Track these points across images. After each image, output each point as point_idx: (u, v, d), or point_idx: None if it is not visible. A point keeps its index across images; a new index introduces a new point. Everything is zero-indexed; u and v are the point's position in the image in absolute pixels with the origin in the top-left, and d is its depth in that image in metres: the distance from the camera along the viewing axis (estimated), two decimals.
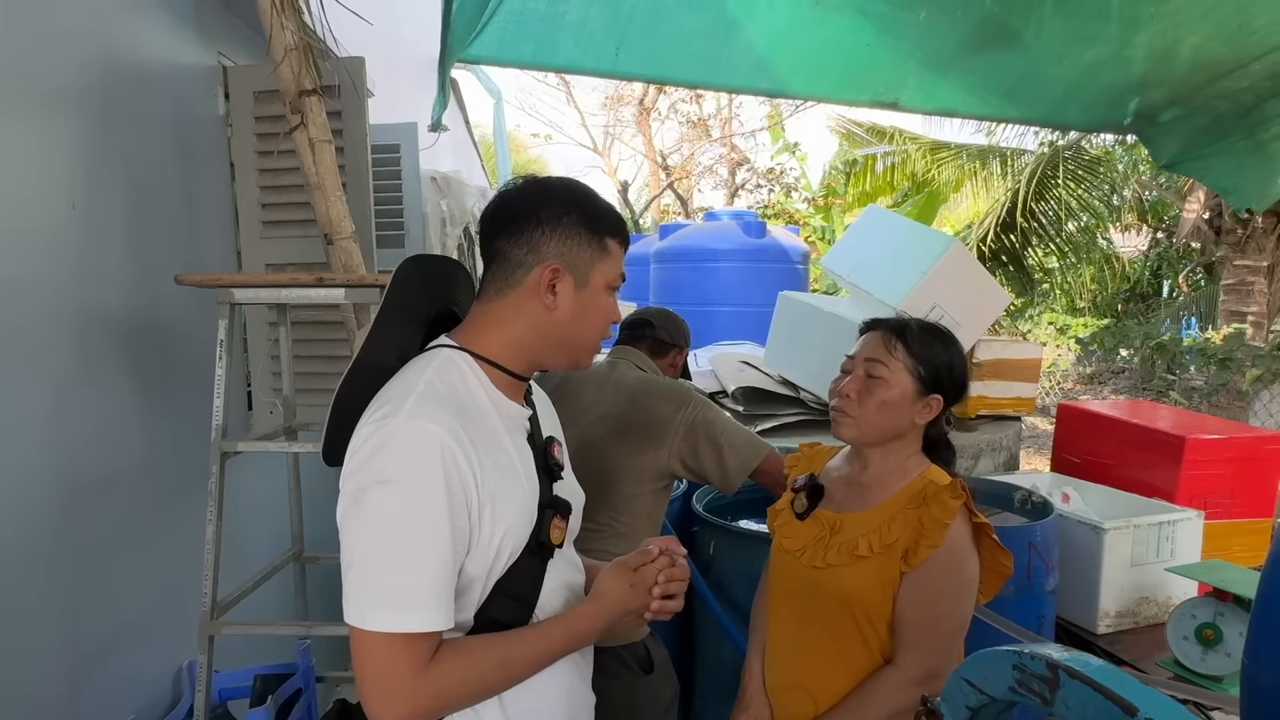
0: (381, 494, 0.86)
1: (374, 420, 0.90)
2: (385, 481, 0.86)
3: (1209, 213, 7.23)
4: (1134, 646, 2.27)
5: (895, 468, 1.28)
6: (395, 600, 0.85)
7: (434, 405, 0.90)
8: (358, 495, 0.87)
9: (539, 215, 0.99)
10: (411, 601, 0.85)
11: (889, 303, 2.93)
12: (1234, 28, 2.57)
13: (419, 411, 0.89)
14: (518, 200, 1.01)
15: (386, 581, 0.86)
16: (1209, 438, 2.70)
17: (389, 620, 0.85)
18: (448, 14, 2.23)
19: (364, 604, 0.85)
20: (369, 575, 0.86)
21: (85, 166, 1.67)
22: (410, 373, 0.96)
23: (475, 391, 0.97)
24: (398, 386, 0.94)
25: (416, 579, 0.86)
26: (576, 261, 1.00)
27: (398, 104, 3.48)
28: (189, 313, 1.98)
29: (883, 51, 2.87)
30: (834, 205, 10.62)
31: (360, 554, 0.87)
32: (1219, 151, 3.14)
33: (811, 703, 1.25)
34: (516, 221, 0.99)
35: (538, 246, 0.98)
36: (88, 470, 1.68)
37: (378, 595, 0.85)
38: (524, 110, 27.99)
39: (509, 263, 0.99)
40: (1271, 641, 0.67)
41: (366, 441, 0.89)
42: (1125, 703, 0.45)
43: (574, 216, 1.00)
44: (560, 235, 0.99)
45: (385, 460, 0.87)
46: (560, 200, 1.00)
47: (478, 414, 0.95)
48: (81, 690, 1.65)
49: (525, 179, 1.04)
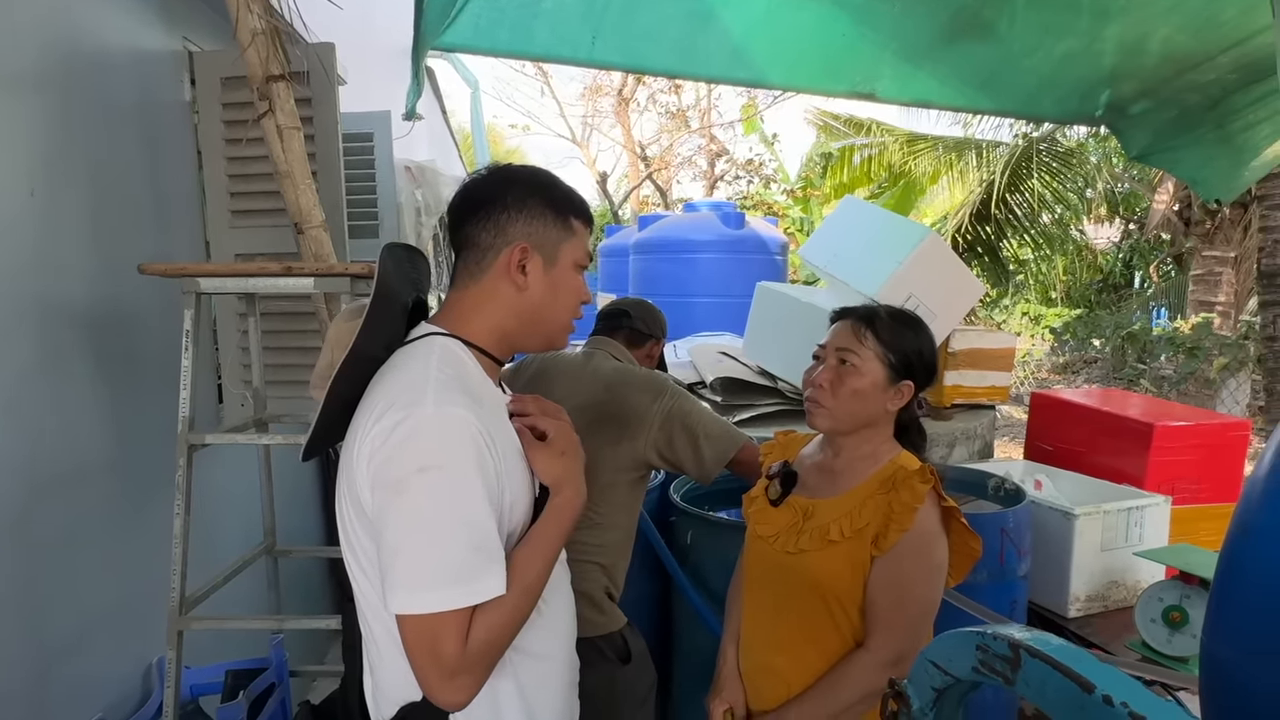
0: (424, 480, 0.86)
1: (398, 409, 0.88)
2: (427, 468, 0.86)
3: (1178, 204, 7.36)
4: (1104, 629, 2.31)
5: (867, 454, 1.28)
6: (450, 578, 0.85)
7: (457, 392, 0.90)
8: (399, 484, 0.86)
9: (504, 199, 1.01)
10: (468, 577, 0.86)
11: (865, 293, 2.94)
12: (1202, 21, 2.61)
13: (446, 399, 0.89)
14: (483, 187, 1.03)
15: (441, 563, 0.85)
16: (1176, 425, 2.75)
17: (448, 598, 0.85)
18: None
19: (420, 588, 0.85)
20: (421, 559, 0.85)
21: (44, 153, 1.63)
22: (414, 362, 0.95)
23: (475, 377, 0.98)
24: (407, 376, 0.93)
25: (469, 555, 0.86)
26: (543, 241, 1.02)
27: (372, 92, 3.43)
28: (155, 304, 1.94)
29: (859, 42, 2.87)
30: (812, 197, 10.66)
31: (409, 540, 0.86)
32: (1188, 143, 3.19)
33: (784, 686, 1.26)
34: (483, 207, 1.01)
35: (504, 229, 1.01)
36: (51, 463, 1.64)
37: (433, 577, 0.85)
38: (502, 100, 27.80)
39: (478, 247, 1.01)
40: (1228, 619, 0.68)
41: (395, 430, 0.87)
42: (1083, 680, 0.45)
43: (538, 198, 1.02)
44: (526, 217, 1.01)
45: (422, 447, 0.87)
46: (524, 184, 1.03)
47: (485, 400, 0.96)
48: (47, 688, 1.62)
49: (489, 168, 1.06)
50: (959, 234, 6.90)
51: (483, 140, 7.12)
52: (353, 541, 0.95)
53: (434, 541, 0.86)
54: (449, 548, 0.86)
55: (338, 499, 0.98)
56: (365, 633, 1.00)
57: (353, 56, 3.30)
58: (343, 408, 0.98)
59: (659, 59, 2.98)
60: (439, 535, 0.86)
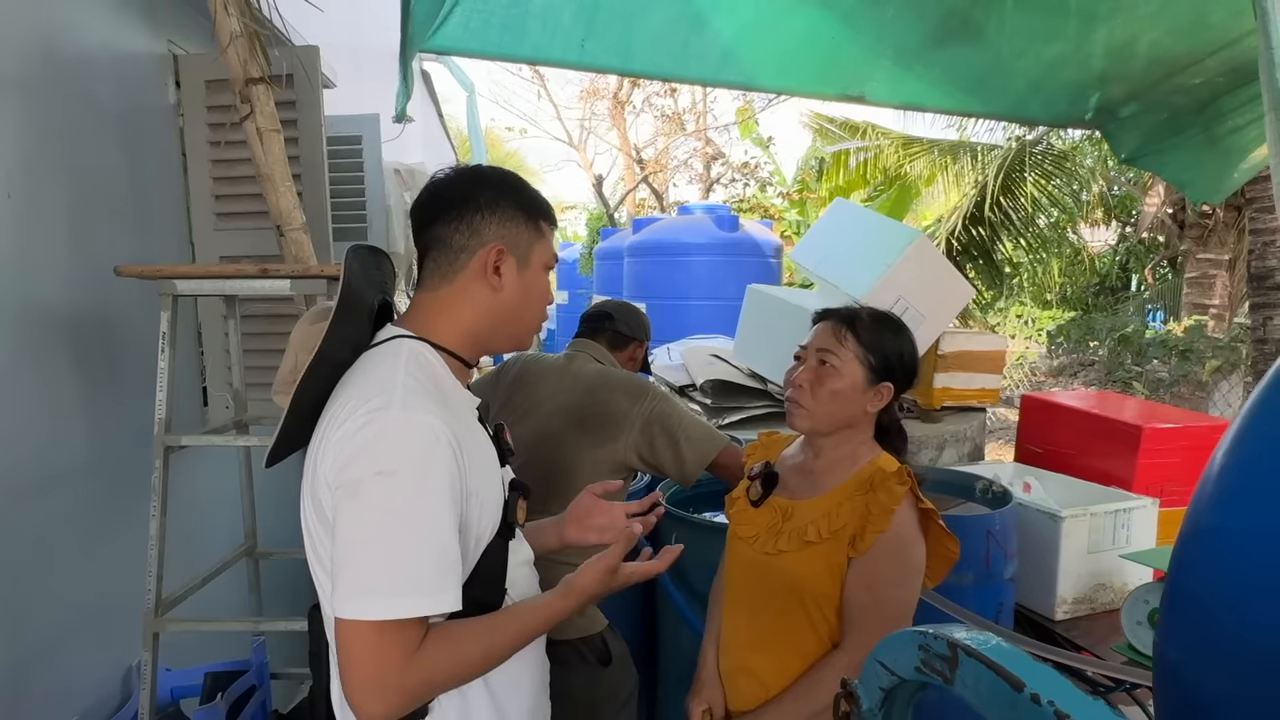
0: (381, 484, 0.84)
1: (364, 413, 0.87)
2: (385, 471, 0.84)
3: (1172, 207, 7.36)
4: (1091, 632, 2.30)
5: (846, 455, 1.28)
6: (398, 587, 0.83)
7: (424, 397, 0.89)
8: (354, 486, 0.85)
9: (477, 200, 1.01)
10: (416, 587, 0.84)
11: (854, 295, 2.94)
12: (1189, 24, 2.61)
13: (413, 403, 0.88)
14: (454, 187, 1.02)
15: (390, 569, 0.83)
16: (1164, 427, 2.75)
17: (393, 607, 0.82)
18: (407, 1, 2.19)
19: (364, 593, 0.83)
20: (369, 564, 0.83)
21: (23, 154, 1.62)
22: (381, 365, 0.94)
23: (445, 381, 0.97)
24: (373, 379, 0.92)
25: (420, 565, 0.84)
26: (517, 242, 1.02)
27: (365, 95, 3.44)
28: (137, 307, 1.93)
29: (848, 45, 2.88)
30: (808, 200, 10.67)
31: (359, 544, 0.84)
32: (1176, 146, 3.19)
33: (762, 687, 1.26)
34: (455, 207, 1.00)
35: (479, 230, 1.00)
36: (29, 465, 1.64)
37: (379, 583, 0.83)
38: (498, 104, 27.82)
39: (450, 248, 1.00)
40: (1179, 621, 0.68)
41: (359, 433, 0.86)
42: (1014, 679, 0.45)
43: (510, 200, 1.02)
44: (499, 218, 1.01)
45: (384, 450, 0.85)
46: (496, 185, 1.03)
47: (453, 404, 0.96)
48: (24, 689, 1.61)
49: (455, 168, 1.06)
50: (953, 237, 6.90)
51: (480, 144, 7.12)
52: (315, 543, 0.94)
53: (389, 548, 0.84)
54: (404, 555, 0.84)
55: (301, 500, 0.97)
56: (330, 635, 0.99)
57: (346, 59, 3.30)
58: (309, 412, 0.96)
59: (649, 61, 2.98)
60: (394, 542, 0.84)
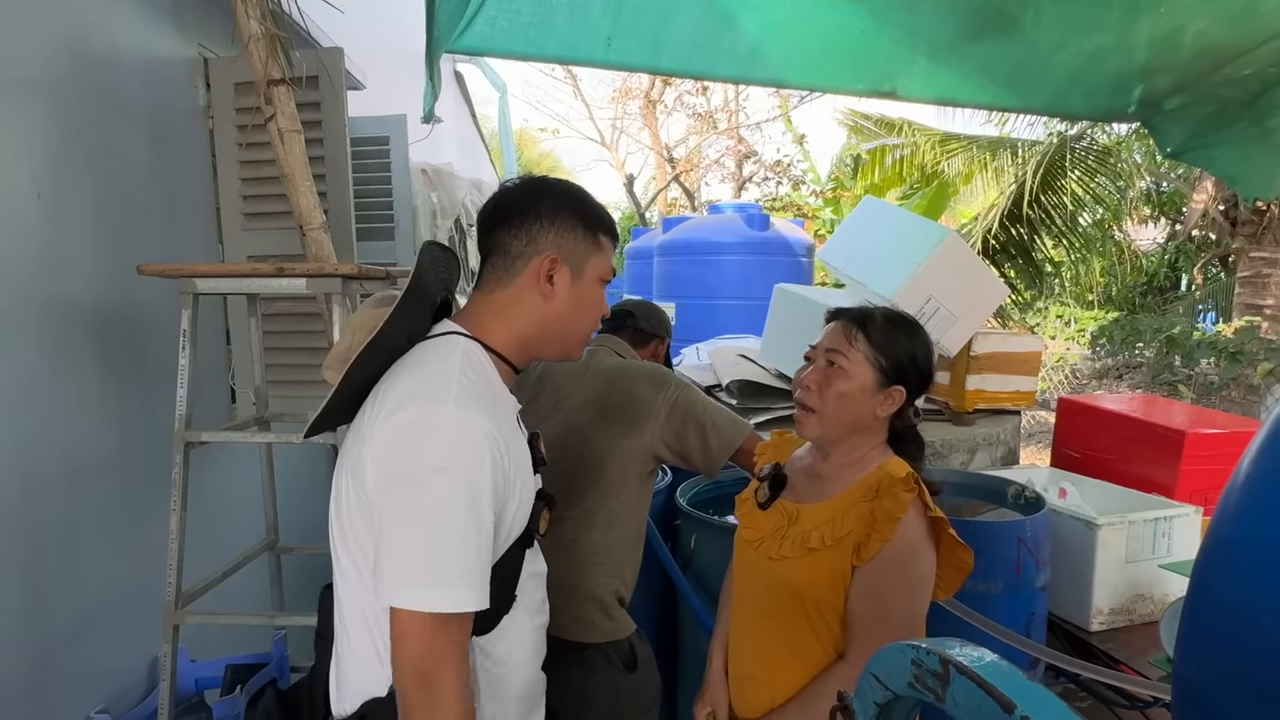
0: (440, 480, 0.86)
1: (416, 405, 0.89)
2: (444, 468, 0.86)
3: (1224, 204, 7.08)
4: (1128, 644, 2.22)
5: (855, 460, 1.24)
6: (455, 582, 0.86)
7: (478, 397, 0.92)
8: (411, 478, 0.87)
9: (538, 210, 1.04)
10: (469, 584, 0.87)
11: (884, 295, 2.88)
12: (1238, 11, 2.50)
13: (467, 402, 0.90)
14: (518, 196, 1.06)
15: (452, 565, 0.86)
16: (1209, 432, 2.63)
17: (464, 600, 0.86)
18: (432, 2, 2.21)
19: (427, 585, 0.85)
20: (434, 556, 0.86)
21: (54, 156, 1.66)
22: (436, 359, 0.96)
23: (493, 383, 1.00)
24: (429, 372, 0.94)
25: (466, 563, 0.87)
26: (572, 253, 1.05)
27: (399, 96, 3.47)
28: (163, 305, 1.98)
29: (878, 39, 2.82)
30: (843, 198, 10.53)
31: (422, 536, 0.86)
32: (1225, 139, 3.06)
33: (767, 694, 1.23)
34: (516, 215, 1.04)
35: (536, 238, 1.04)
36: (58, 460, 1.68)
37: (441, 577, 0.85)
38: (532, 104, 28.02)
39: (508, 254, 1.04)
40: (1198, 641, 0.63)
41: (412, 426, 0.88)
42: (1005, 699, 0.42)
43: (571, 212, 1.06)
44: (558, 229, 1.04)
45: (440, 447, 0.87)
46: (558, 197, 1.06)
47: (502, 407, 0.98)
48: (49, 680, 1.65)
49: (524, 178, 1.09)
50: (990, 235, 6.73)
51: (509, 144, 7.18)
52: (343, 518, 0.95)
53: (447, 541, 0.86)
54: (463, 549, 0.86)
55: (336, 474, 0.98)
56: (337, 618, 1.00)
57: (379, 61, 3.34)
58: (357, 392, 0.99)
59: (676, 58, 2.95)
60: (452, 536, 0.86)
